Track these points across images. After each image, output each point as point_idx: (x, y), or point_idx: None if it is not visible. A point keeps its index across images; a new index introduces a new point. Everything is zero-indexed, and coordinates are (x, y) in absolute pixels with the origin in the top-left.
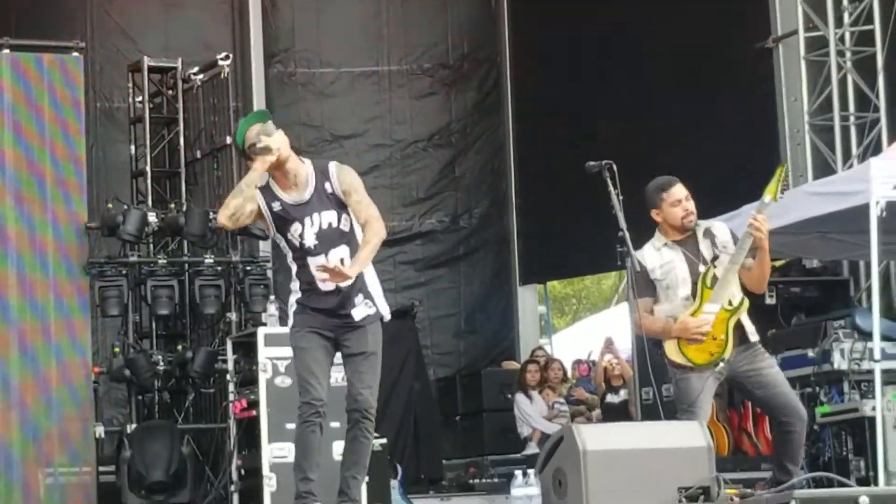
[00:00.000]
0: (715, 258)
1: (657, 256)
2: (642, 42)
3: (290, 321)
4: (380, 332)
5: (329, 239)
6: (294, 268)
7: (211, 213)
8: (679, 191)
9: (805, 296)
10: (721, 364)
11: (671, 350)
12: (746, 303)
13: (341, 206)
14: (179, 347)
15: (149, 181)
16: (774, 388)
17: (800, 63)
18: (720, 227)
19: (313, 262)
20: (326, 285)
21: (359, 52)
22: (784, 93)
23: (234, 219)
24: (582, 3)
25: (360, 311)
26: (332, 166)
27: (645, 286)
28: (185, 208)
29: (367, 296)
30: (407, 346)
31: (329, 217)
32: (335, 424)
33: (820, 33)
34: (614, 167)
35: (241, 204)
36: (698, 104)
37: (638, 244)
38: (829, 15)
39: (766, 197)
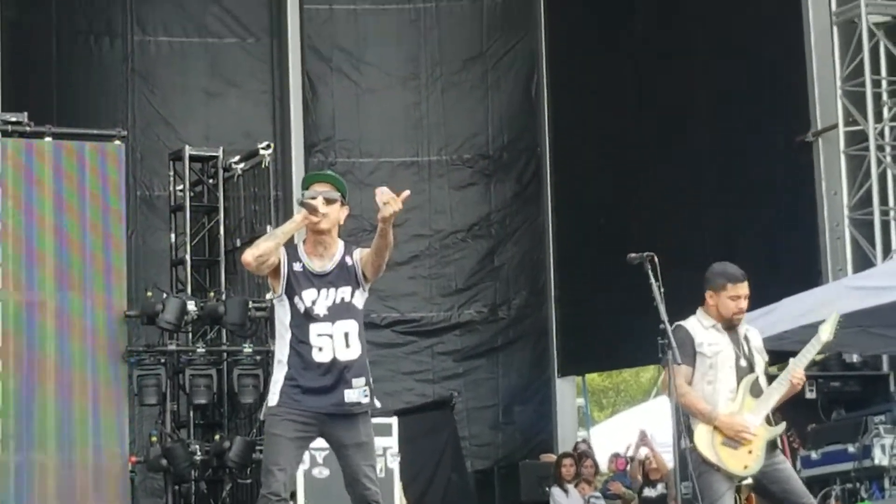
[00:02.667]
0: (752, 360)
1: (706, 334)
2: (682, 135)
3: (275, 399)
4: (370, 421)
5: (339, 312)
6: (288, 336)
7: (250, 303)
8: (743, 289)
9: (845, 390)
10: (748, 479)
11: (704, 444)
12: (783, 427)
13: (357, 282)
14: (217, 437)
15: (188, 269)
16: (788, 483)
17: (839, 157)
18: (755, 333)
19: (315, 329)
20: (322, 356)
21: (398, 142)
22: (824, 186)
23: (259, 260)
24: (623, 95)
25: (353, 395)
26: (358, 248)
27: (688, 355)
28: (224, 297)
29: (367, 382)
30: (445, 437)
31: (344, 293)
32: None
33: (860, 128)
34: (656, 259)
35: (272, 249)
36: (737, 196)
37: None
38: (868, 110)
39: (823, 335)
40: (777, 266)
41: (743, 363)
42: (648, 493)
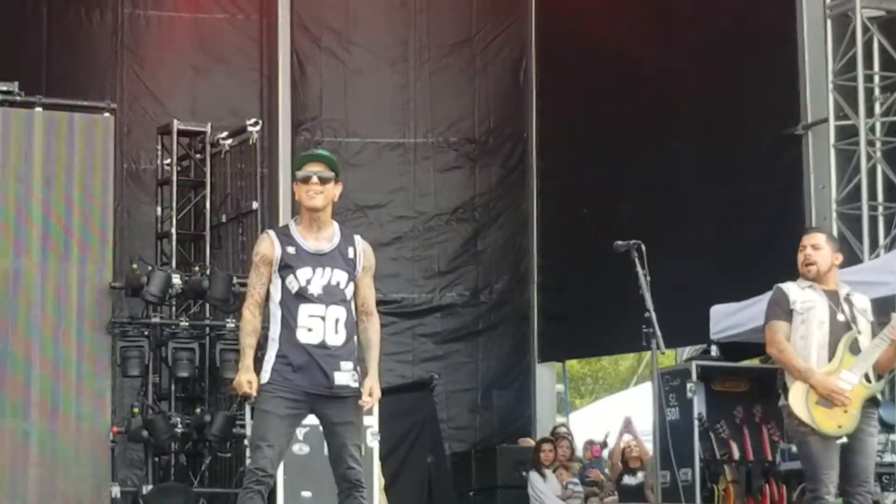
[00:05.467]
0: (854, 319)
1: (800, 292)
2: (670, 123)
3: (266, 376)
4: (359, 404)
5: (332, 295)
6: (279, 314)
7: (234, 278)
8: (807, 238)
9: None
10: (843, 439)
11: (797, 402)
12: (884, 383)
13: (352, 273)
14: (198, 410)
15: (174, 243)
16: (856, 456)
17: (829, 151)
18: (860, 297)
19: (306, 310)
20: (311, 337)
21: (385, 123)
22: (812, 180)
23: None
24: (609, 82)
25: (342, 378)
26: (359, 238)
27: (783, 312)
28: (208, 272)
29: (355, 368)
30: (423, 418)
31: (339, 276)
32: (306, 494)
33: (850, 122)
34: (643, 247)
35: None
36: (725, 187)
37: (664, 324)
38: (860, 105)
39: None
40: (763, 258)
41: (840, 319)
42: (628, 480)
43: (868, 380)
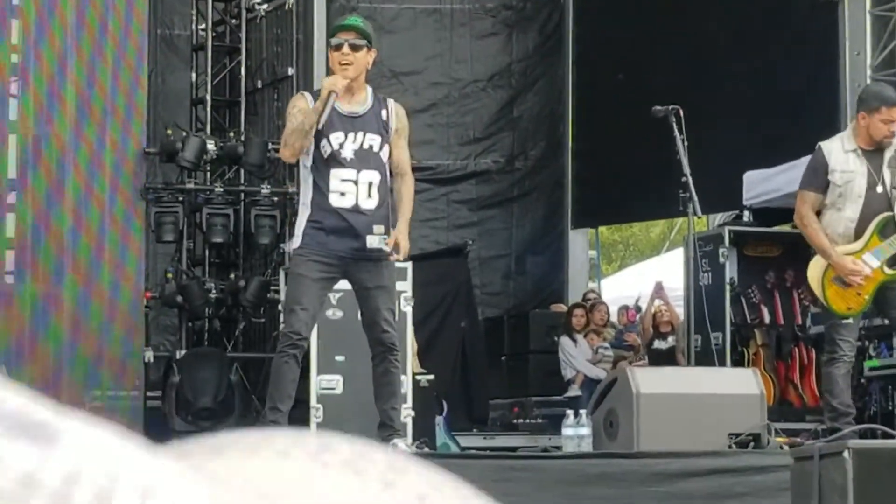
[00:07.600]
0: (893, 190)
1: (843, 159)
2: None
3: (298, 241)
4: (394, 267)
5: (365, 159)
6: (311, 179)
7: (270, 144)
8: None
9: None
10: (849, 320)
11: (815, 276)
12: None
13: (386, 135)
14: (232, 276)
15: (208, 109)
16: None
17: (865, 17)
18: None
19: (338, 175)
20: (343, 201)
21: None
22: (847, 46)
23: (297, 154)
24: None
25: (374, 241)
26: (392, 101)
27: (819, 181)
28: (244, 138)
29: (387, 232)
30: (457, 284)
31: (373, 140)
32: (340, 358)
33: None
34: (681, 112)
35: (305, 144)
36: (760, 54)
37: (698, 191)
38: None
39: None
40: (797, 124)
41: (878, 190)
42: (658, 345)
43: (891, 265)
